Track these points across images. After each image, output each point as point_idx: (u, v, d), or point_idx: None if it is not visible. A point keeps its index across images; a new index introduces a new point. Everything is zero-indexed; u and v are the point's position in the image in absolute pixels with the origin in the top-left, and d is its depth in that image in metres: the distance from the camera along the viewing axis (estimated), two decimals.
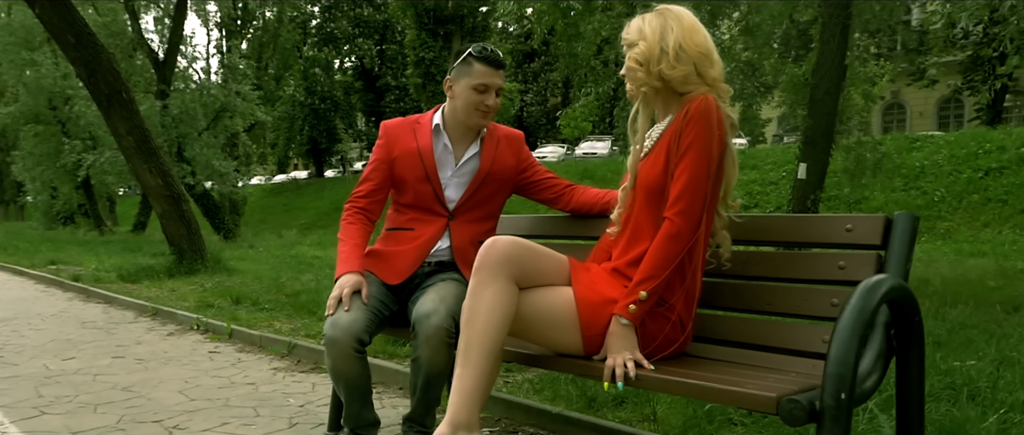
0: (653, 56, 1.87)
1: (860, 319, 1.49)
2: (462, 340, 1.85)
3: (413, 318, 2.20)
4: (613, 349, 1.80)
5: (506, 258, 1.85)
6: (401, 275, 2.38)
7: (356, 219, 2.41)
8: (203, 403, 3.24)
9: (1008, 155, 14.94)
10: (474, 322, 1.83)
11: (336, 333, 2.14)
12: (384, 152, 2.44)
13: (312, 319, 5.24)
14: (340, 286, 2.23)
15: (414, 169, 2.39)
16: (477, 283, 1.85)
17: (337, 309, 2.19)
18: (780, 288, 1.97)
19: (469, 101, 2.34)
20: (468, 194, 2.43)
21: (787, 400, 1.49)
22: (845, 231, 1.90)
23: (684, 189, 1.80)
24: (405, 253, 2.40)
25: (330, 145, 34.84)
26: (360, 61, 36.36)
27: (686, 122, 1.81)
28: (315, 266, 10.01)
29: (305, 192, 30.90)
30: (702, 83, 1.87)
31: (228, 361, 4.18)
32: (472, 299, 1.85)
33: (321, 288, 6.45)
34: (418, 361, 2.17)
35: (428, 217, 2.43)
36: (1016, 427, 2.58)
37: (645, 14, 1.94)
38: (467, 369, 1.82)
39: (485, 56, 2.33)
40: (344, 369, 2.18)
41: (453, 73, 2.38)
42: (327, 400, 3.28)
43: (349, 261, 2.30)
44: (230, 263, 9.50)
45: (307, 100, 33.31)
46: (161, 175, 8.62)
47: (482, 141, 2.45)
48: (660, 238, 1.82)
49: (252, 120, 19.81)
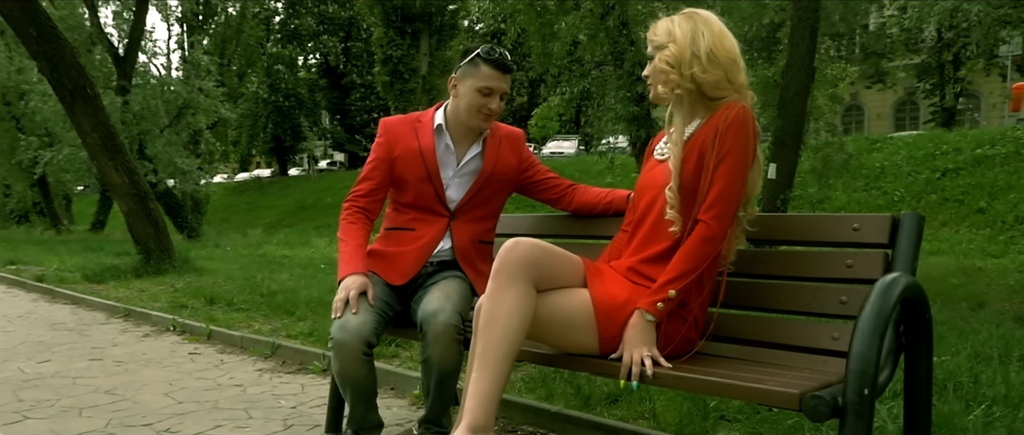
0: (685, 59, 1.87)
1: (881, 317, 1.52)
2: (480, 344, 1.83)
3: (420, 318, 2.19)
4: (632, 343, 1.81)
5: (527, 261, 1.83)
6: (405, 276, 2.37)
7: (356, 218, 2.37)
8: (191, 406, 3.18)
9: (964, 156, 15.39)
10: (493, 327, 1.81)
11: (345, 336, 2.12)
12: (384, 151, 2.40)
13: (291, 319, 5.17)
14: (346, 288, 2.19)
15: (416, 169, 2.36)
16: (497, 286, 1.83)
17: (344, 312, 2.16)
18: (789, 286, 2.00)
19: (472, 103, 2.31)
20: (470, 195, 2.41)
21: (810, 396, 1.52)
22: (852, 230, 1.94)
23: (720, 194, 1.82)
24: (408, 254, 2.38)
25: (295, 143, 34.38)
26: (325, 58, 35.94)
27: (726, 128, 1.83)
28: (285, 266, 9.88)
29: (269, 191, 30.47)
30: (731, 89, 1.90)
31: (210, 363, 4.10)
32: (492, 303, 1.83)
33: (298, 288, 6.38)
34: (429, 361, 2.15)
35: (429, 217, 2.41)
36: (1000, 420, 2.66)
37: (673, 16, 1.95)
38: (485, 374, 1.81)
39: (493, 58, 2.28)
40: (352, 372, 2.16)
41: (458, 72, 2.34)
42: (318, 401, 3.25)
43: (352, 262, 2.26)
44: (198, 263, 9.33)
45: (271, 97, 32.83)
46: (127, 173, 8.42)
47: (484, 141, 2.43)
48: (695, 240, 1.83)
49: (216, 117, 19.45)
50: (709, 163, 1.84)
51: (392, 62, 20.85)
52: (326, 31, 35.16)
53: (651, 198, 1.97)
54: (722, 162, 1.82)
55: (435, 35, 21.68)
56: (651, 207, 1.97)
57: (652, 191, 1.98)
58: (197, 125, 19.26)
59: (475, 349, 1.86)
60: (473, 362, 1.89)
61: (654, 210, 1.96)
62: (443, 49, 22.00)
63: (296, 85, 33.94)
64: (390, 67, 20.90)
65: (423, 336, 2.16)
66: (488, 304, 1.84)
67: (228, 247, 13.97)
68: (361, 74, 34.14)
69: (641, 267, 1.93)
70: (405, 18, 20.91)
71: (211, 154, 22.66)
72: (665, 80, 1.92)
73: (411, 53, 20.96)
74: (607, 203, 2.44)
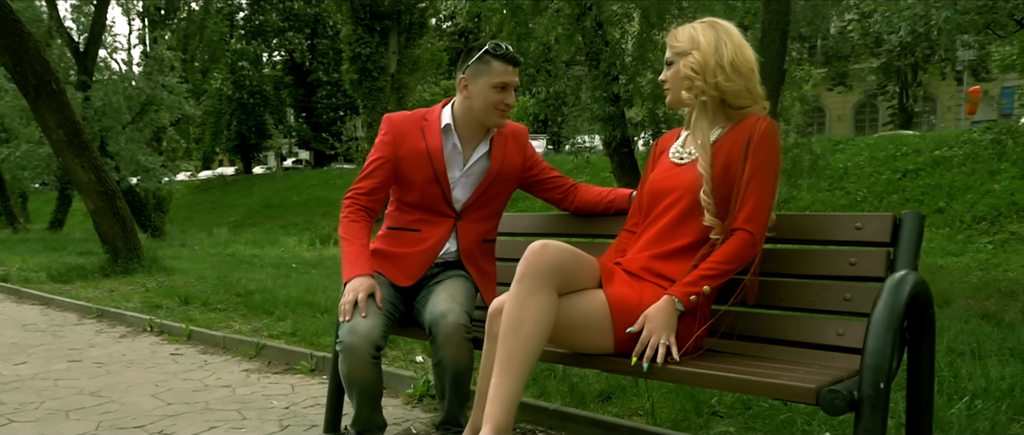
0: (709, 67, 1.92)
1: (894, 313, 1.58)
2: (504, 349, 1.81)
3: (428, 320, 2.18)
4: (655, 325, 1.83)
5: (555, 266, 1.82)
6: (411, 278, 2.35)
7: (359, 217, 2.32)
8: (181, 407, 3.13)
9: (923, 158, 15.83)
10: (519, 333, 1.80)
11: (355, 340, 2.09)
12: (390, 150, 2.34)
13: (271, 319, 5.12)
14: (354, 290, 2.16)
15: (422, 170, 2.33)
16: (524, 291, 1.81)
17: (353, 314, 2.13)
18: (793, 284, 2.05)
19: (489, 101, 2.28)
20: (476, 195, 2.39)
21: (827, 390, 1.56)
22: (854, 229, 2.00)
23: (757, 206, 1.89)
24: (414, 256, 2.36)
25: (259, 141, 33.88)
26: (290, 55, 35.50)
27: (759, 142, 1.89)
28: (256, 265, 9.76)
29: (233, 189, 29.98)
30: (751, 99, 1.96)
31: (194, 363, 4.04)
32: (518, 307, 1.81)
33: (276, 288, 6.31)
34: (442, 364, 2.15)
35: (434, 218, 2.38)
36: (982, 413, 2.75)
37: (694, 24, 2.00)
38: (508, 380, 1.79)
39: (503, 53, 2.27)
40: (360, 375, 2.14)
41: (467, 72, 2.30)
42: (310, 401, 3.23)
43: (359, 263, 2.22)
44: (167, 262, 9.17)
45: (235, 94, 32.29)
46: (94, 170, 8.23)
47: (491, 140, 2.40)
48: (738, 244, 1.88)
49: (180, 114, 19.10)
50: (743, 175, 1.90)
51: (361, 60, 20.68)
52: (292, 28, 34.73)
53: (673, 199, 1.99)
54: (756, 175, 1.88)
55: (404, 33, 21.54)
56: (671, 207, 1.99)
57: (676, 192, 1.99)
58: (160, 122, 18.88)
59: (497, 353, 1.83)
60: (491, 366, 1.89)
61: (674, 210, 1.98)
62: (412, 47, 21.89)
63: (261, 82, 33.44)
64: (359, 65, 20.73)
65: (433, 339, 2.15)
66: (514, 308, 1.81)
67: (196, 246, 13.74)
68: (327, 71, 33.80)
69: (656, 264, 1.96)
70: (374, 16, 20.75)
71: (174, 151, 22.27)
72: (690, 86, 1.96)
73: (380, 51, 20.81)
74: (609, 202, 2.46)
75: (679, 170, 2.03)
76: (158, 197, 19.60)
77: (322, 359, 3.83)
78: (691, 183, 1.97)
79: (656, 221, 2.03)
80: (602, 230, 2.50)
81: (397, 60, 21.22)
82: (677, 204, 1.98)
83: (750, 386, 1.70)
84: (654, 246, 2.01)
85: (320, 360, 3.84)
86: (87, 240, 15.56)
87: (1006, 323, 4.68)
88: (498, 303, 1.94)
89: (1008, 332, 4.28)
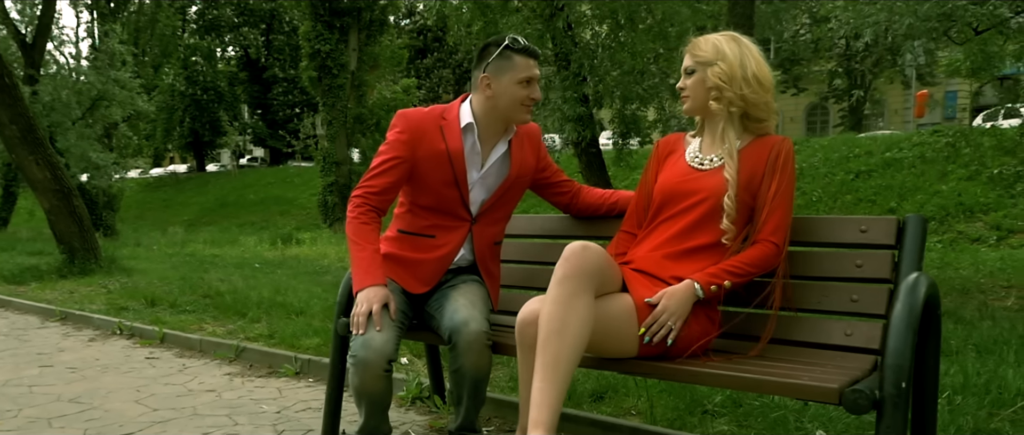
0: (736, 78, 1.99)
1: (913, 314, 1.63)
2: (549, 353, 1.77)
3: (448, 327, 2.13)
4: (671, 304, 1.88)
5: (595, 268, 1.83)
6: (426, 285, 2.30)
7: (370, 219, 2.22)
8: (168, 413, 3.05)
9: (875, 159, 16.32)
10: (564, 336, 1.77)
11: (369, 355, 2.04)
12: (407, 150, 2.22)
13: (244, 321, 5.03)
14: (368, 301, 2.09)
15: (441, 172, 2.23)
16: (569, 293, 1.79)
17: (368, 327, 2.07)
18: (800, 285, 2.10)
19: (515, 97, 2.20)
20: (494, 198, 2.32)
21: (850, 390, 1.61)
22: (859, 232, 2.05)
23: (782, 220, 1.99)
24: (429, 263, 2.29)
25: (214, 138, 33.16)
26: (245, 51, 34.83)
27: (784, 161, 2.01)
28: (218, 265, 9.56)
29: (186, 187, 29.33)
30: (768, 112, 2.04)
31: (172, 367, 3.95)
32: (562, 310, 1.78)
33: (246, 289, 6.18)
34: (462, 371, 2.12)
35: (450, 222, 2.30)
36: (961, 406, 2.85)
37: (715, 35, 2.06)
38: (554, 385, 1.76)
39: (525, 48, 2.20)
40: (372, 388, 2.10)
41: (490, 70, 2.21)
42: (301, 405, 3.19)
43: (371, 271, 2.14)
44: (126, 262, 8.93)
45: (188, 90, 31.55)
46: (49, 168, 7.98)
47: (510, 141, 2.32)
48: (764, 252, 1.96)
49: (132, 110, 18.57)
50: (770, 190, 1.99)
51: (320, 57, 20.37)
52: (246, 23, 34.10)
53: (697, 200, 2.03)
54: (781, 191, 1.98)
55: (364, 30, 21.29)
56: (693, 209, 2.03)
57: (700, 194, 2.03)
58: (112, 118, 18.34)
59: (539, 357, 1.80)
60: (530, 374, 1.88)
61: (696, 212, 2.02)
62: (373, 45, 21.65)
63: (215, 78, 32.75)
64: (318, 62, 20.41)
65: (454, 346, 2.11)
66: (557, 311, 1.79)
67: (154, 246, 13.39)
68: (284, 68, 33.28)
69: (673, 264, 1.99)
70: (333, 12, 20.46)
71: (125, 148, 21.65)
72: (719, 96, 2.02)
73: (340, 48, 20.52)
74: (612, 204, 2.46)
75: (702, 174, 2.07)
76: (109, 195, 19.06)
77: (306, 362, 3.78)
78: (716, 188, 2.03)
79: (674, 221, 2.06)
80: (602, 232, 2.51)
81: (357, 57, 20.97)
82: (700, 206, 2.03)
83: (772, 387, 1.73)
84: (671, 245, 2.04)
85: (304, 363, 3.78)
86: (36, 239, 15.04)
87: (966, 320, 4.85)
88: (530, 312, 1.91)
89: (971, 329, 4.43)
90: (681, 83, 2.09)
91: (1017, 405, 2.84)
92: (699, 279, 1.92)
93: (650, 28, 8.88)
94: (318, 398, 3.30)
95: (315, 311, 5.14)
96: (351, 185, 19.31)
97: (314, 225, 18.97)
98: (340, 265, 9.68)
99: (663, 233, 2.07)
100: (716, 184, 2.02)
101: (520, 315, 1.94)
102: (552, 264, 2.65)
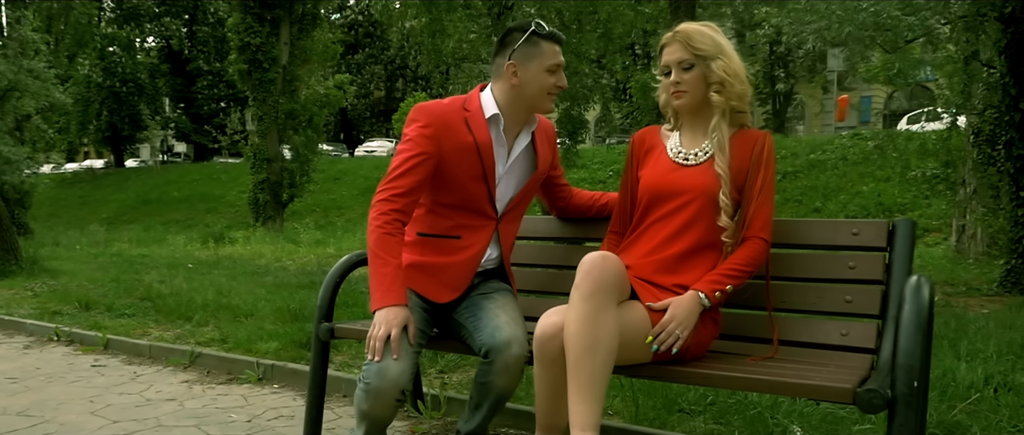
0: (738, 72, 2.00)
1: (921, 315, 1.68)
2: (583, 373, 1.73)
3: (487, 343, 2.01)
4: (679, 313, 1.87)
5: (616, 280, 1.79)
6: (455, 291, 2.16)
7: (396, 229, 2.03)
8: (130, 425, 2.89)
9: (800, 161, 16.97)
10: (597, 353, 1.73)
11: (383, 385, 1.92)
12: (432, 145, 2.06)
13: (191, 325, 4.83)
14: (387, 323, 1.94)
15: (470, 167, 2.09)
16: (594, 309, 1.74)
17: (384, 354, 1.93)
18: (795, 287, 2.14)
19: (543, 85, 2.10)
20: (521, 195, 2.20)
21: (865, 390, 1.64)
22: (851, 234, 2.12)
23: (769, 215, 2.01)
24: (457, 266, 2.15)
25: (133, 132, 31.72)
26: (167, 42, 33.47)
27: (768, 157, 2.01)
28: (148, 266, 9.16)
29: (104, 183, 28.01)
30: (746, 105, 2.06)
31: (122, 375, 3.75)
32: (590, 327, 1.74)
33: (192, 290, 5.94)
34: (490, 386, 2.03)
35: (476, 221, 2.16)
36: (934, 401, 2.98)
37: (703, 26, 2.03)
38: (594, 404, 1.72)
39: (551, 33, 2.11)
40: (379, 415, 2.00)
41: (515, 56, 2.09)
42: (272, 413, 3.08)
43: (393, 289, 1.97)
44: (48, 263, 8.47)
45: (106, 82, 30.07)
46: None
47: (533, 133, 2.20)
48: (757, 250, 1.97)
49: (47, 101, 17.59)
50: (756, 186, 1.99)
51: (250, 50, 19.73)
52: (168, 13, 32.75)
53: (685, 200, 2.01)
54: (764, 189, 1.99)
55: (296, 24, 20.75)
56: (683, 209, 2.01)
57: (688, 194, 2.00)
58: (24, 110, 17.32)
59: (573, 377, 1.73)
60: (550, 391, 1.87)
61: (687, 212, 2.00)
62: (305, 38, 21.13)
63: (135, 69, 31.30)
64: (248, 55, 19.76)
65: (490, 363, 2.00)
66: (586, 329, 1.73)
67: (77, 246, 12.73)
68: (209, 60, 32.13)
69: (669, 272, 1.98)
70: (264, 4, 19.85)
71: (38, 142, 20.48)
72: (721, 90, 1.99)
73: (271, 41, 19.92)
74: (601, 206, 2.43)
75: (688, 171, 2.04)
76: (21, 192, 17.99)
77: (269, 367, 3.65)
78: (705, 185, 2.00)
79: (664, 222, 2.03)
80: (592, 233, 2.50)
81: (289, 51, 20.43)
82: (690, 205, 2.01)
83: (786, 388, 1.76)
84: (665, 249, 2.01)
85: (267, 368, 3.65)
86: None
87: None
88: (551, 326, 1.84)
89: None
90: (676, 78, 2.01)
91: (972, 397, 2.98)
92: (703, 288, 1.90)
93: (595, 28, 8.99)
94: (288, 405, 3.20)
95: (265, 314, 4.98)
96: (282, 183, 18.83)
97: (245, 223, 18.40)
98: (278, 265, 9.42)
99: (655, 236, 2.04)
100: (705, 181, 2.00)
101: (539, 329, 1.87)
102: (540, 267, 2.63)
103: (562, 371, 1.81)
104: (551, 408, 1.92)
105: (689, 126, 2.10)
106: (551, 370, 1.86)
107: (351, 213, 20.57)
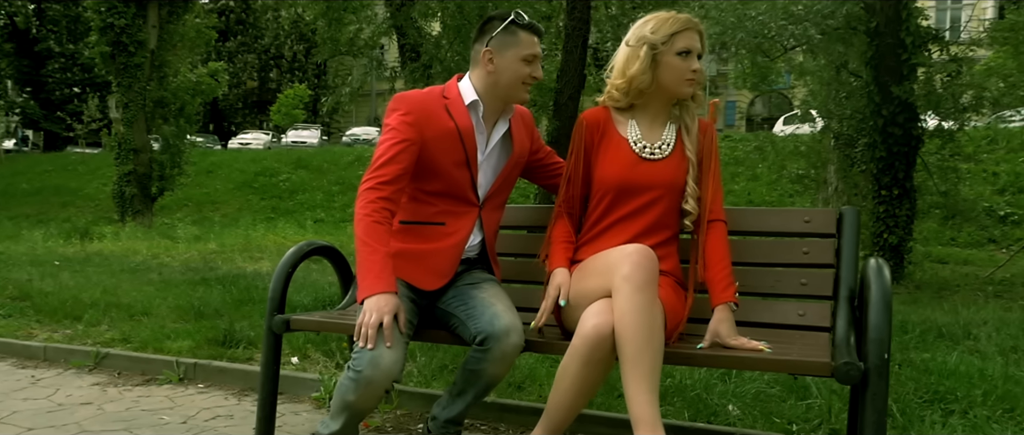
0: None
1: (886, 292, 1.83)
2: (647, 364, 1.77)
3: (484, 331, 1.98)
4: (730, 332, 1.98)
5: (657, 270, 1.86)
6: (443, 277, 2.14)
7: (384, 218, 2.01)
8: (48, 431, 2.64)
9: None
10: (653, 342, 1.79)
11: (376, 375, 1.88)
12: (415, 132, 2.07)
13: (82, 325, 4.46)
14: (379, 311, 1.90)
15: (452, 153, 2.10)
16: (647, 300, 1.80)
17: (378, 343, 1.89)
18: (753, 271, 2.28)
19: (518, 74, 2.12)
20: (499, 181, 2.22)
21: (843, 363, 1.78)
22: (804, 222, 2.28)
23: (722, 200, 2.15)
24: (442, 252, 2.14)
25: None
26: (11, 20, 30.48)
27: (713, 139, 2.15)
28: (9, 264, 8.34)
29: None
30: None
31: (19, 380, 3.41)
32: (647, 318, 1.79)
33: (78, 288, 5.47)
34: (480, 373, 2.02)
35: (459, 208, 2.17)
36: None
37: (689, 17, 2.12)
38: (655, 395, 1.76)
39: (530, 24, 2.12)
40: (366, 405, 1.96)
41: (492, 44, 2.11)
42: (208, 414, 2.92)
43: (383, 276, 1.94)
44: None
45: None
46: None
47: (510, 120, 2.22)
48: (725, 232, 2.10)
49: None
50: (709, 170, 2.11)
51: (113, 32, 18.36)
52: None
53: (655, 196, 2.08)
54: (714, 171, 2.12)
55: (165, 6, 19.51)
56: (653, 205, 2.09)
57: (656, 190, 2.08)
58: None
59: (635, 370, 1.77)
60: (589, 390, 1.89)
61: (658, 208, 2.09)
62: (175, 22, 19.90)
63: None
64: (111, 37, 18.38)
65: (486, 351, 1.98)
66: (644, 319, 1.78)
67: None
68: (60, 42, 29.57)
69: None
70: None
71: None
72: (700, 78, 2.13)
73: (137, 23, 18.62)
74: None
75: (653, 165, 2.09)
76: None
77: (191, 366, 3.45)
78: (673, 180, 2.09)
79: (632, 220, 2.09)
80: None
81: (158, 35, 19.18)
82: (659, 203, 2.08)
83: (769, 364, 1.89)
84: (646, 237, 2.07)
85: (188, 367, 3.45)
86: None
87: None
88: (605, 325, 1.82)
89: None
90: (695, 66, 2.08)
91: None
92: (726, 299, 2.01)
93: None
94: (221, 405, 3.04)
95: (163, 312, 4.69)
96: (151, 175, 17.68)
97: (108, 218, 17.13)
98: (157, 262, 8.86)
99: (624, 232, 2.08)
100: (671, 176, 2.08)
101: (591, 330, 1.84)
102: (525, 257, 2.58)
103: (606, 371, 1.87)
104: (575, 405, 1.91)
105: (647, 114, 2.14)
106: (596, 369, 1.86)
107: (228, 208, 19.59)
